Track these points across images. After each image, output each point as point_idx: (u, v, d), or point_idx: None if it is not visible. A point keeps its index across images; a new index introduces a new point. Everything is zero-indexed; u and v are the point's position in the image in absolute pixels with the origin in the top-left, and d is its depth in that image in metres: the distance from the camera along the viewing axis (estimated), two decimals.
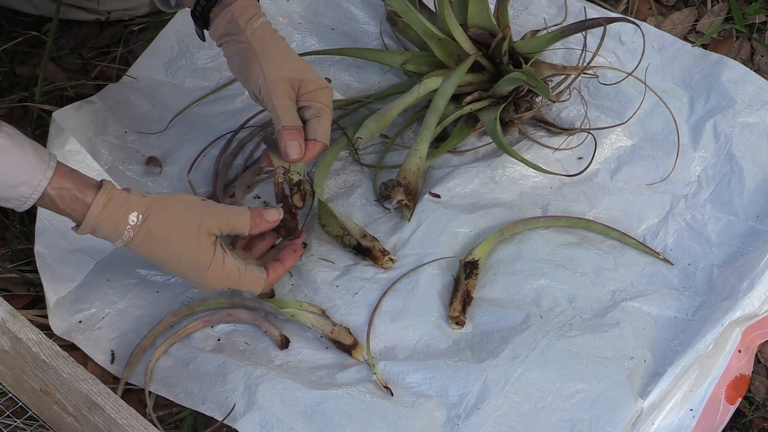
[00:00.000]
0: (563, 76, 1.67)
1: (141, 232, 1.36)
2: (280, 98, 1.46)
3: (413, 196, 1.59)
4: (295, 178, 1.49)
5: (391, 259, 1.54)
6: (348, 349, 1.45)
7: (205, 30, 1.54)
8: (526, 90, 1.63)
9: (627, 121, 1.67)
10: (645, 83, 1.65)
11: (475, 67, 1.64)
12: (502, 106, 1.63)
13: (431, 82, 1.62)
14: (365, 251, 1.54)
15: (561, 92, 1.67)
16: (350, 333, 1.46)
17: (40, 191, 1.33)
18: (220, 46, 1.52)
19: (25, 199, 1.33)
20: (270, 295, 1.49)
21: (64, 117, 1.66)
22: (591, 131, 1.66)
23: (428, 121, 1.60)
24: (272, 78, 1.46)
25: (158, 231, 1.37)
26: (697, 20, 1.86)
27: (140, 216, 1.36)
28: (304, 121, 1.48)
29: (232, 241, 1.48)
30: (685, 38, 1.81)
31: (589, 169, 1.64)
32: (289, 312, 1.46)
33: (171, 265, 1.40)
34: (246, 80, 1.49)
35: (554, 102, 1.67)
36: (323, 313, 1.48)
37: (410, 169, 1.60)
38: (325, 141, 1.48)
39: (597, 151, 1.64)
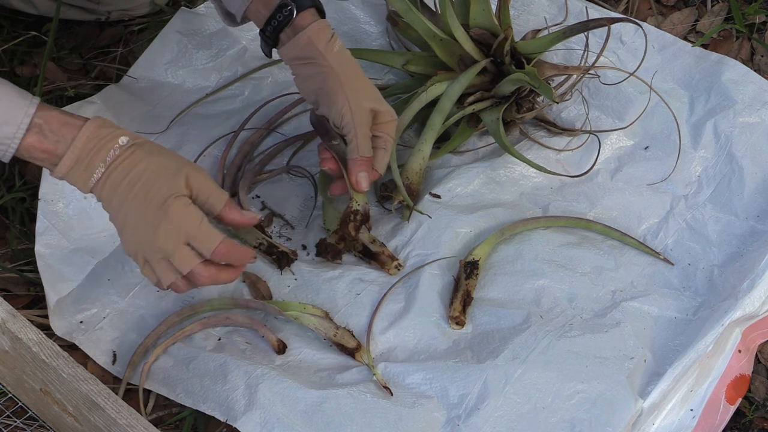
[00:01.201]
0: (565, 76, 1.67)
1: (125, 154, 1.33)
2: (363, 127, 1.48)
3: (415, 197, 1.59)
4: (353, 206, 1.52)
5: (399, 265, 1.53)
6: (351, 352, 1.45)
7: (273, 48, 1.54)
8: (528, 90, 1.63)
9: (631, 124, 1.66)
10: (650, 85, 1.65)
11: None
12: (505, 106, 1.62)
13: (436, 89, 1.62)
14: (373, 256, 1.54)
15: (564, 93, 1.67)
16: (353, 336, 1.46)
17: (24, 129, 1.30)
18: (288, 65, 1.52)
19: (10, 140, 1.31)
20: (268, 296, 1.49)
21: None
22: (594, 133, 1.66)
23: (433, 121, 1.60)
24: (357, 107, 1.48)
25: (141, 158, 1.33)
26: (697, 20, 1.86)
27: (129, 140, 1.34)
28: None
29: None
30: (685, 38, 1.81)
31: (587, 169, 1.64)
32: (293, 314, 1.46)
33: (134, 200, 1.33)
34: (326, 105, 1.50)
35: (558, 103, 1.67)
36: (326, 316, 1.47)
37: (413, 170, 1.59)
38: (383, 173, 1.53)
39: (596, 149, 1.65)
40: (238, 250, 1.36)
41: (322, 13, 1.52)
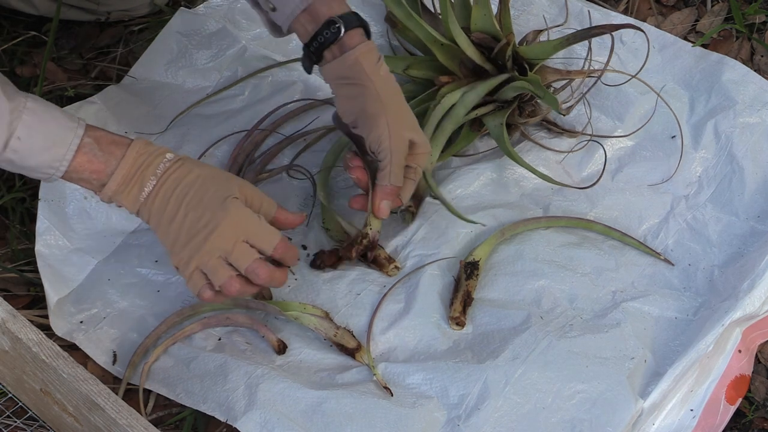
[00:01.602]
0: (567, 80, 1.67)
1: (174, 166, 1.36)
2: (399, 156, 1.46)
3: (419, 201, 1.59)
4: (366, 230, 1.52)
5: (396, 267, 1.53)
6: (351, 352, 1.45)
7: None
8: (530, 95, 1.63)
9: (636, 131, 1.66)
10: (653, 89, 1.65)
11: (479, 72, 1.64)
12: (508, 111, 1.62)
13: (448, 99, 1.60)
14: (371, 259, 1.54)
15: (571, 107, 1.66)
16: (353, 336, 1.46)
17: (74, 149, 1.32)
18: (329, 83, 1.50)
19: (59, 163, 1.32)
20: (268, 296, 1.49)
21: None
22: (596, 138, 1.65)
23: (444, 128, 1.60)
24: (397, 136, 1.46)
25: (191, 168, 1.36)
26: (697, 20, 1.86)
27: (174, 156, 1.37)
28: None
29: None
30: (685, 38, 1.81)
31: (590, 170, 1.64)
32: (293, 315, 1.46)
33: (188, 204, 1.35)
34: (365, 128, 1.47)
35: (564, 116, 1.67)
36: (327, 316, 1.47)
37: None
38: (405, 203, 1.53)
39: (598, 151, 1.65)
40: (293, 249, 1.40)
41: (369, 34, 1.49)
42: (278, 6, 1.48)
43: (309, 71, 1.52)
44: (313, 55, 1.48)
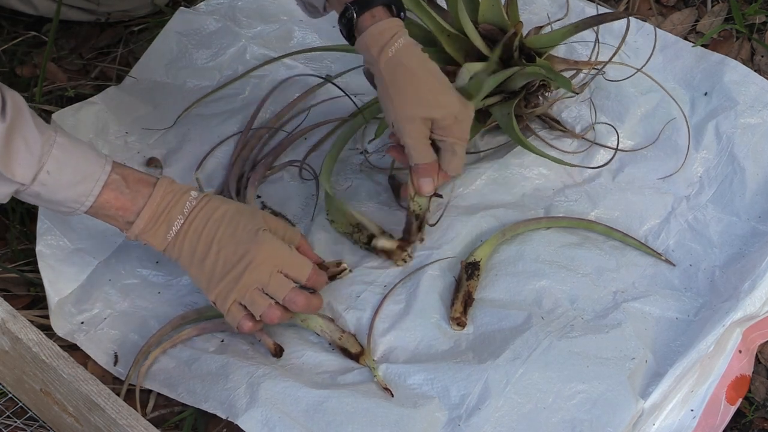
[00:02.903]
0: (573, 72, 1.67)
1: (201, 204, 1.38)
2: (411, 137, 1.46)
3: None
4: (416, 209, 1.52)
5: (409, 256, 1.53)
6: (355, 357, 1.45)
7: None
8: (537, 85, 1.63)
9: (645, 146, 1.66)
10: (658, 82, 1.65)
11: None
12: (516, 100, 1.62)
13: (472, 66, 1.59)
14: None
15: (584, 85, 1.66)
16: (357, 341, 1.46)
17: (101, 185, 1.34)
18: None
19: (85, 198, 1.34)
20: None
21: (63, 118, 1.66)
22: (598, 143, 1.66)
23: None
24: (406, 118, 1.46)
25: (218, 205, 1.39)
26: (697, 20, 1.86)
27: (199, 194, 1.40)
28: (438, 153, 1.49)
29: None
30: (685, 39, 1.81)
31: (591, 170, 1.64)
32: (300, 317, 1.46)
33: (220, 241, 1.38)
34: (384, 111, 1.49)
35: (577, 94, 1.66)
36: (332, 320, 1.47)
37: None
38: (458, 173, 1.51)
39: (599, 151, 1.65)
40: (323, 275, 1.44)
41: (392, 9, 1.48)
42: None
43: (353, 45, 1.52)
44: (346, 38, 1.50)
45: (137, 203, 1.37)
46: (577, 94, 1.66)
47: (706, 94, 1.69)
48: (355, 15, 1.47)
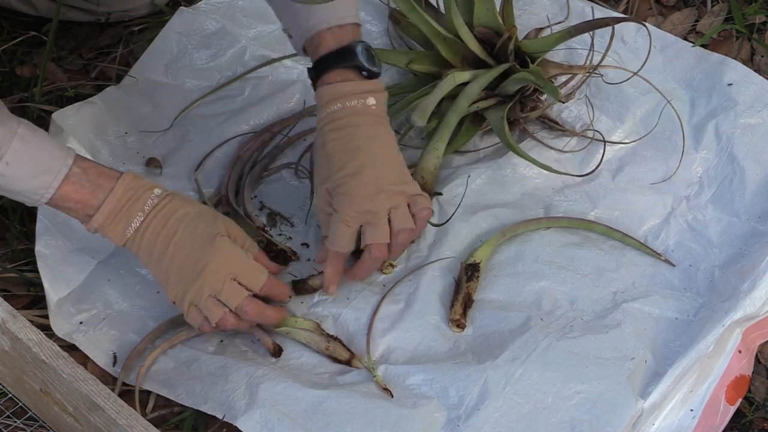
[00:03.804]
0: (568, 76, 1.67)
1: (163, 202, 1.38)
2: (322, 215, 1.48)
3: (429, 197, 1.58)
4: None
5: (391, 264, 1.53)
6: (345, 363, 1.44)
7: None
8: (532, 89, 1.63)
9: (640, 139, 1.66)
10: (654, 86, 1.65)
11: (481, 66, 1.64)
12: (509, 105, 1.62)
13: (460, 76, 1.60)
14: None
15: (570, 94, 1.67)
16: (345, 347, 1.45)
17: (60, 178, 1.34)
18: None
19: (44, 190, 1.34)
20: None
21: (63, 118, 1.66)
22: (602, 140, 1.65)
23: (449, 120, 1.59)
24: (317, 191, 1.48)
25: (179, 206, 1.39)
26: (697, 20, 1.86)
27: (162, 192, 1.39)
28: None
29: None
30: (685, 38, 1.81)
31: (590, 169, 1.64)
32: (284, 330, 1.45)
33: (178, 243, 1.38)
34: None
35: (563, 103, 1.67)
36: (318, 328, 1.46)
37: (428, 169, 1.58)
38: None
39: (598, 151, 1.65)
40: (279, 286, 1.44)
41: (355, 66, 1.46)
42: (292, 34, 1.53)
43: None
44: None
45: (97, 197, 1.37)
46: (563, 102, 1.66)
47: (705, 94, 1.69)
48: (310, 82, 1.50)
